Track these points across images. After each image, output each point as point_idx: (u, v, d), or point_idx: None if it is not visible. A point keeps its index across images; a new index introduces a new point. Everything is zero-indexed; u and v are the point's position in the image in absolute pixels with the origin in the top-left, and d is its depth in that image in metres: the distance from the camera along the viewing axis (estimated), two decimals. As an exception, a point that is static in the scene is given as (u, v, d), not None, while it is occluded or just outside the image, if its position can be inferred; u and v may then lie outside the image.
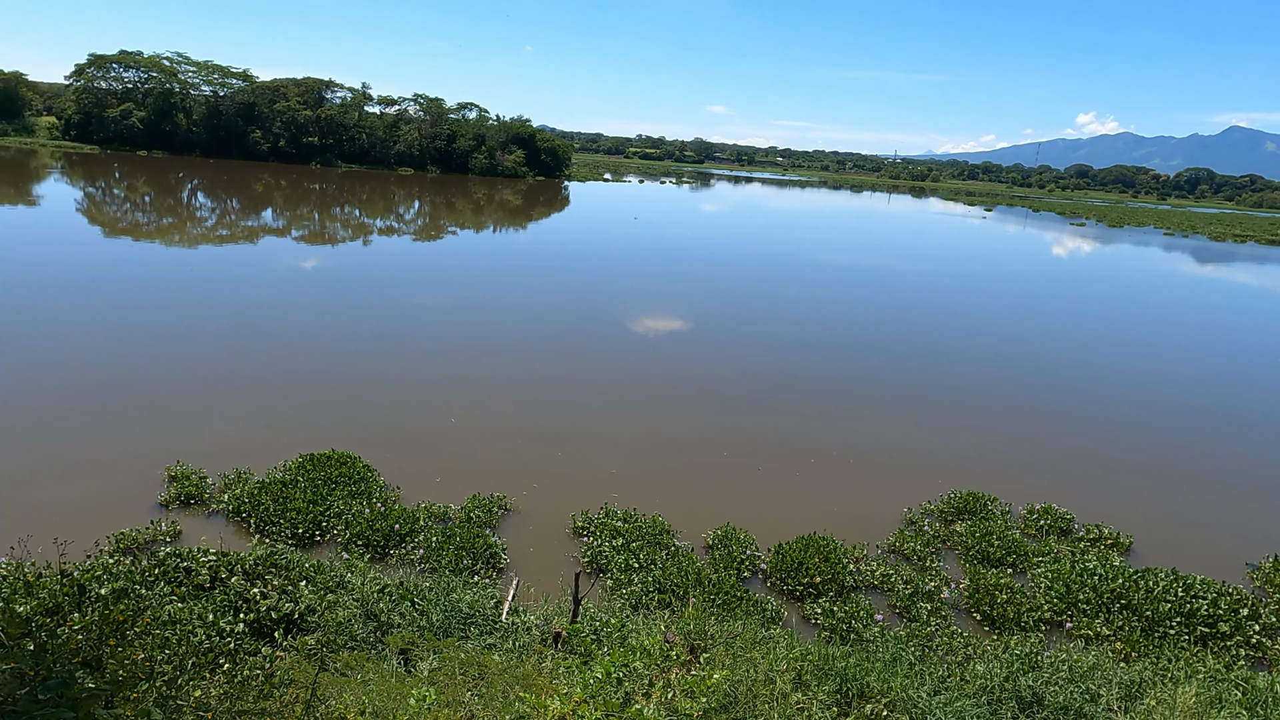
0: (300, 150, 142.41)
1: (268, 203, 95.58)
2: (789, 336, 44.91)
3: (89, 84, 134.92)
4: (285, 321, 38.55)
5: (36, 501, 18.99)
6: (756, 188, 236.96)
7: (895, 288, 67.37)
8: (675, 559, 18.61)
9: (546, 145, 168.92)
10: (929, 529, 21.66)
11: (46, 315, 35.52)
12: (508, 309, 45.89)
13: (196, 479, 20.28)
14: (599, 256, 72.12)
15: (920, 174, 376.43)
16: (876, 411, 32.29)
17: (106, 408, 25.34)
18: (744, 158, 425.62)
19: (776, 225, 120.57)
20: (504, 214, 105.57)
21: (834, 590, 18.10)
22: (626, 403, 30.67)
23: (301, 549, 18.11)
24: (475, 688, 8.98)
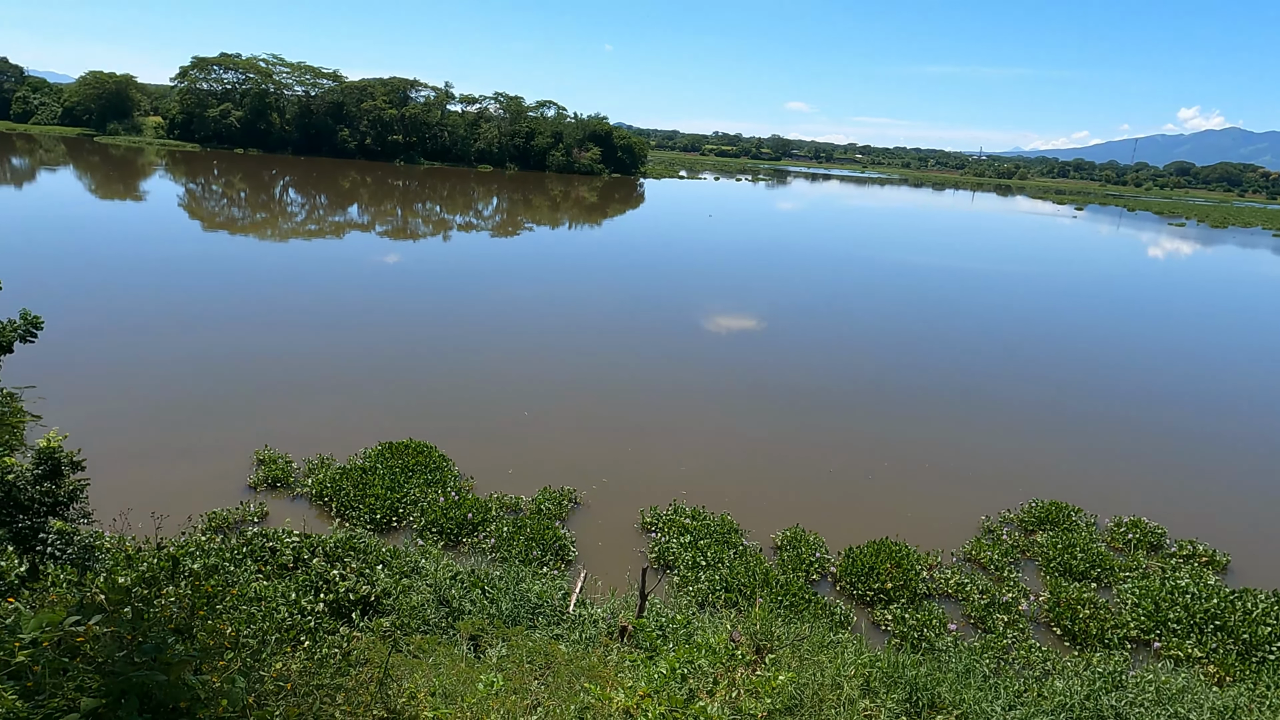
0: (385, 148, 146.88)
1: (354, 199, 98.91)
2: (864, 338, 44.06)
3: (191, 85, 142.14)
4: (367, 314, 39.84)
5: (139, 479, 20.14)
6: (834, 185, 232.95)
7: (975, 290, 65.31)
8: (743, 558, 18.51)
9: (623, 142, 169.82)
10: (1008, 538, 20.96)
11: (151, 306, 37.61)
12: (581, 305, 46.37)
13: (283, 463, 21.19)
14: (672, 254, 72.11)
15: (1007, 172, 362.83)
16: (954, 416, 31.38)
17: (204, 393, 26.69)
18: (822, 155, 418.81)
19: (853, 224, 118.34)
20: (579, 211, 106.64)
21: (905, 597, 17.71)
22: (698, 400, 30.62)
23: (379, 534, 18.72)
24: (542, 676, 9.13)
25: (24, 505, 9.42)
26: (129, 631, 4.07)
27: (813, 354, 39.44)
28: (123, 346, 30.86)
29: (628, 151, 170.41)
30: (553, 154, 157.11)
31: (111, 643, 3.82)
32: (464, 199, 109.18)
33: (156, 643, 3.81)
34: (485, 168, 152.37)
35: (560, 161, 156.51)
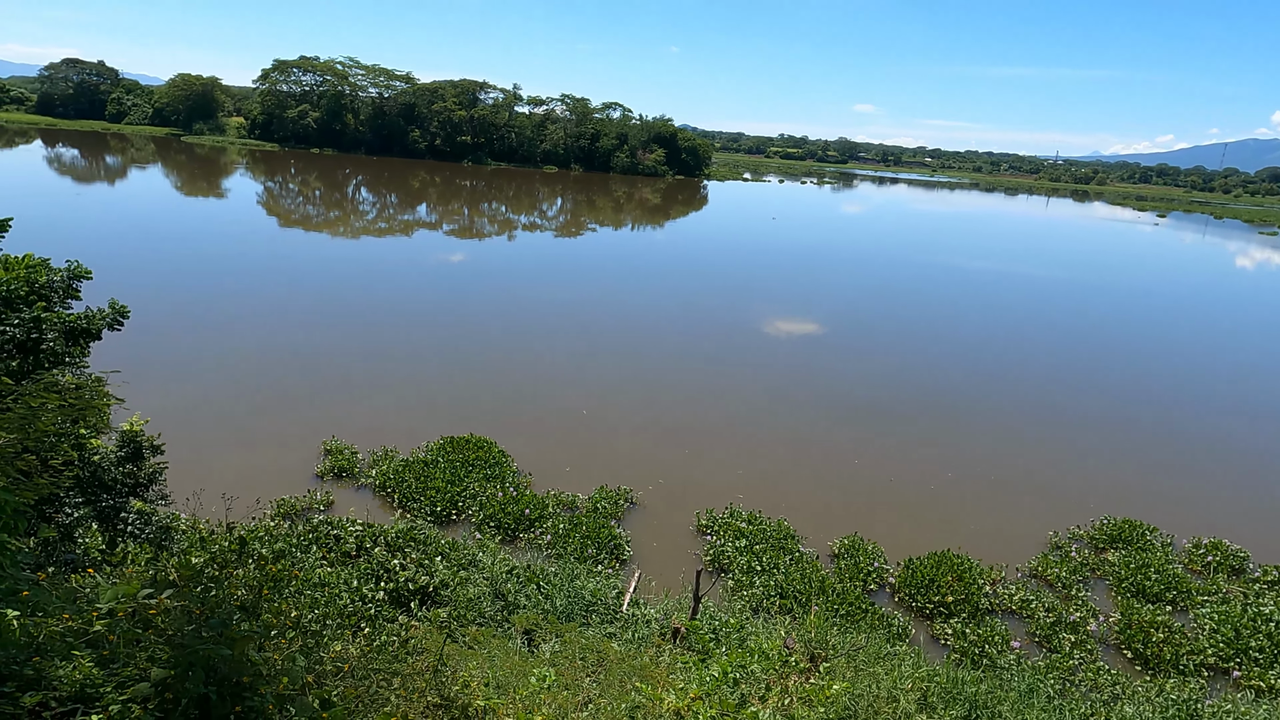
0: (454, 149, 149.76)
1: (423, 198, 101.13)
2: (929, 345, 43.05)
3: (272, 87, 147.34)
4: (432, 311, 40.67)
5: (212, 464, 20.94)
6: (902, 189, 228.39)
7: (1048, 298, 63.19)
8: (799, 565, 18.28)
9: (687, 144, 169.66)
10: (1076, 555, 20.21)
11: (228, 299, 39.12)
12: (642, 305, 46.47)
13: (349, 454, 21.78)
14: (734, 256, 71.71)
15: (1084, 176, 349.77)
16: (1022, 428, 30.43)
17: (276, 384, 27.65)
18: (890, 158, 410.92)
19: (921, 229, 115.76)
20: (643, 212, 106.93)
21: (967, 611, 17.23)
22: (756, 404, 30.37)
23: (438, 526, 19.08)
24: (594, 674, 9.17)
25: (107, 485, 9.88)
26: (198, 607, 4.23)
27: (875, 360, 38.72)
28: (200, 337, 32.15)
29: (692, 153, 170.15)
30: (617, 155, 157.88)
31: (181, 616, 3.98)
32: (529, 199, 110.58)
33: (223, 619, 3.96)
34: (550, 168, 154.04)
35: (624, 163, 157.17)
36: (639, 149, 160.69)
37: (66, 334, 9.44)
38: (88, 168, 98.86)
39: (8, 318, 8.73)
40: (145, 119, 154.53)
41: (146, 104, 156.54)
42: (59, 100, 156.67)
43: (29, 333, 8.77)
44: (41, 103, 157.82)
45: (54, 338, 9.00)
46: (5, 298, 8.77)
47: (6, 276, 8.97)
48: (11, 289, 8.86)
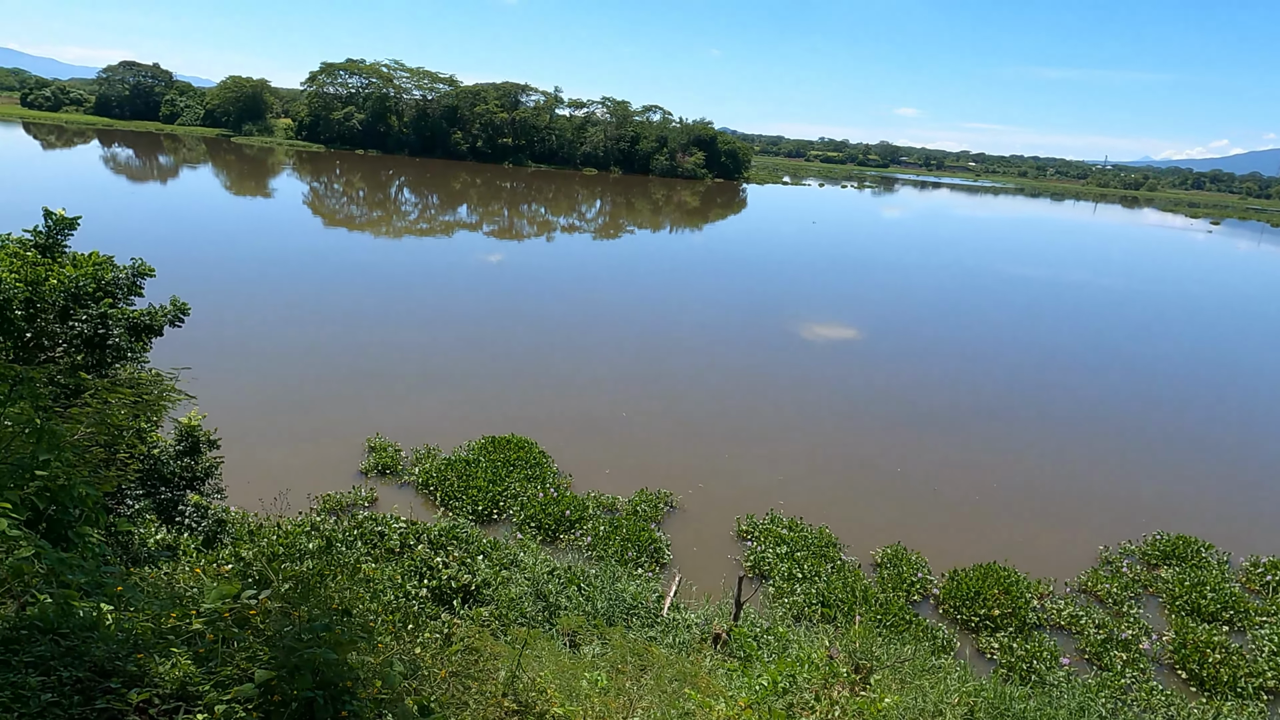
0: (495, 150, 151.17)
1: (464, 199, 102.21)
2: (972, 352, 42.33)
3: (319, 89, 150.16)
4: (471, 311, 41.04)
5: (259, 458, 21.34)
6: (944, 194, 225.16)
7: (1097, 306, 61.78)
8: (841, 573, 18.07)
9: (727, 147, 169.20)
10: (1128, 571, 19.68)
11: (272, 297, 39.91)
12: (681, 309, 46.40)
13: (392, 451, 22.05)
14: (774, 260, 71.28)
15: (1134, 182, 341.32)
16: (1069, 439, 29.74)
17: (320, 381, 28.09)
18: (932, 162, 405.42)
19: (964, 234, 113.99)
20: (681, 215, 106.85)
21: (1014, 626, 16.87)
22: (795, 409, 30.12)
23: (480, 525, 19.21)
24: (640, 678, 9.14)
25: (166, 478, 10.10)
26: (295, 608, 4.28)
27: (916, 367, 38.16)
28: (246, 333, 32.82)
29: (731, 156, 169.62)
30: (656, 158, 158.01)
31: (281, 618, 4.03)
32: (568, 201, 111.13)
33: (325, 621, 3.99)
34: (590, 170, 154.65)
35: (664, 165, 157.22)
36: (678, 152, 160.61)
37: (130, 329, 9.69)
38: (142, 167, 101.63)
39: (77, 314, 8.98)
40: (197, 120, 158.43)
41: (198, 105, 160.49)
42: (116, 102, 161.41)
43: (96, 328, 9.01)
44: (99, 104, 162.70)
45: (120, 333, 9.24)
46: (75, 294, 9.02)
47: (76, 273, 9.23)
48: (81, 285, 9.11)
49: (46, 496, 4.16)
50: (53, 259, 9.68)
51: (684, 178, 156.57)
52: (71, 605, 3.51)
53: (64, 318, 9.10)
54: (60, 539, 4.29)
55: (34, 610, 3.42)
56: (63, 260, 9.86)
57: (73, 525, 4.30)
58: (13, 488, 3.98)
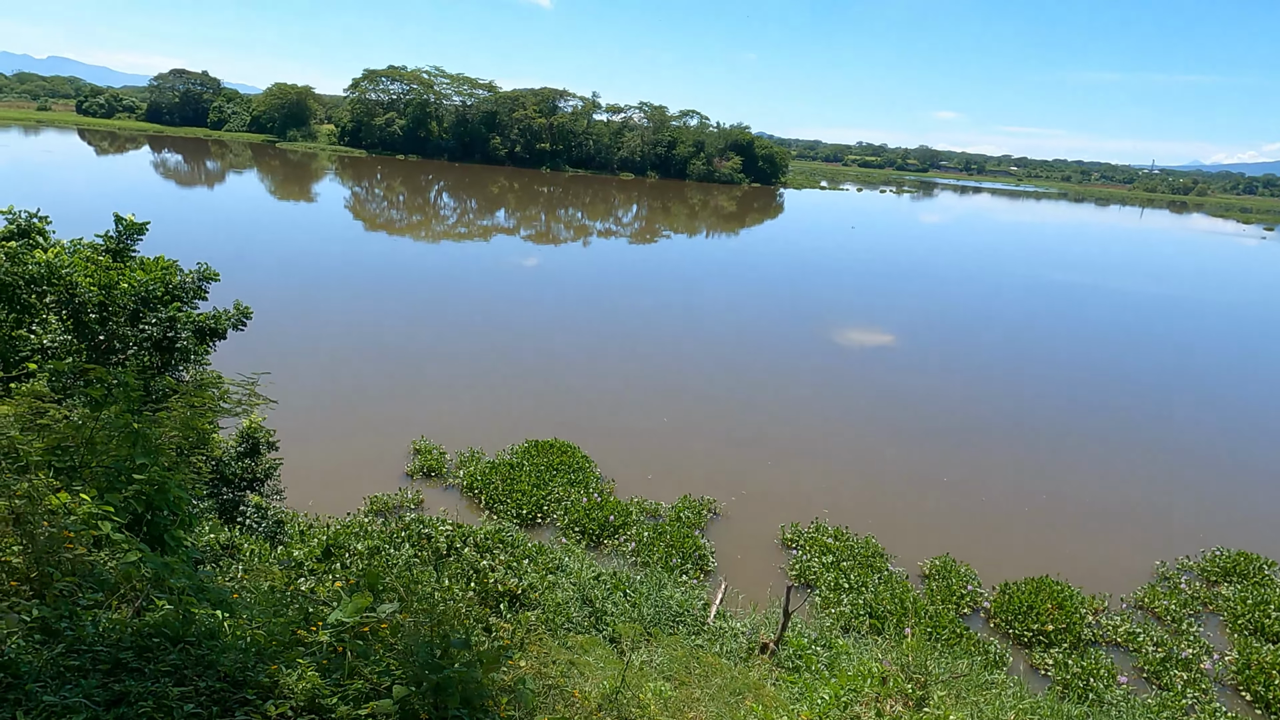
0: (533, 155, 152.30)
1: (501, 204, 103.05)
2: (1017, 359, 41.55)
3: (361, 96, 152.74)
4: (510, 313, 41.30)
5: (307, 459, 21.64)
6: (985, 199, 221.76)
7: (1148, 313, 60.32)
8: (888, 584, 17.79)
9: (764, 152, 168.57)
10: (1187, 588, 19.11)
11: (317, 300, 40.55)
12: (718, 312, 46.23)
13: (437, 454, 22.23)
14: (811, 265, 70.73)
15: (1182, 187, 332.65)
16: (1121, 449, 29.01)
17: (365, 384, 28.45)
18: (973, 166, 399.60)
19: (1006, 240, 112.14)
20: (717, 220, 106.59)
21: (1069, 642, 16.46)
22: (837, 415, 29.81)
23: (524, 528, 19.28)
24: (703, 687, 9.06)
25: (228, 479, 10.27)
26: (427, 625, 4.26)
27: (963, 375, 37.54)
28: (290, 334, 33.35)
29: (768, 161, 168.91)
30: (693, 163, 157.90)
31: (414, 631, 4.03)
32: (605, 206, 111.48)
33: (464, 638, 3.97)
34: (627, 175, 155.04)
35: (700, 170, 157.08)
36: (715, 156, 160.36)
37: (196, 333, 9.87)
38: (190, 172, 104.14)
39: (147, 317, 9.17)
40: (243, 126, 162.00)
41: (245, 112, 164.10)
42: (166, 108, 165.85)
43: (165, 331, 9.20)
44: (150, 111, 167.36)
45: (187, 336, 9.41)
46: (145, 297, 9.21)
47: (146, 278, 9.43)
48: (150, 289, 9.30)
49: (143, 500, 4.24)
50: (123, 263, 9.91)
51: (721, 183, 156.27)
52: (192, 613, 3.55)
53: (134, 321, 9.30)
54: (157, 542, 4.36)
55: (154, 617, 3.47)
56: (132, 264, 10.09)
57: (168, 529, 4.37)
58: (113, 491, 4.07)
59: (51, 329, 8.96)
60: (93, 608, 3.52)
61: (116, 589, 3.78)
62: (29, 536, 3.50)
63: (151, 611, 3.54)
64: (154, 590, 3.80)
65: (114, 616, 3.44)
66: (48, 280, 8.49)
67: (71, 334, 8.83)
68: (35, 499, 3.58)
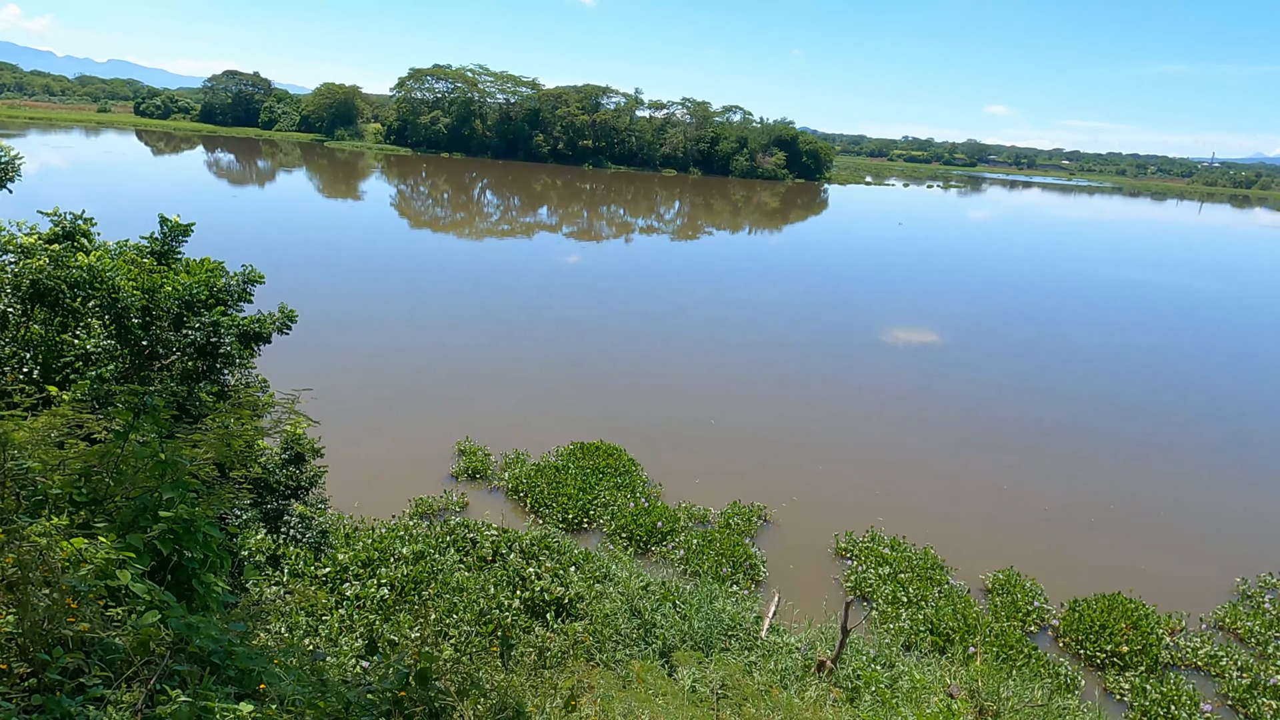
0: (575, 152, 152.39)
1: (544, 201, 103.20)
2: (1081, 362, 39.99)
3: (407, 95, 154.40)
4: (553, 312, 41.00)
5: (351, 460, 21.51)
6: (1035, 194, 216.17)
7: (1215, 313, 57.86)
8: (949, 599, 16.99)
9: (808, 148, 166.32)
10: (1272, 608, 17.96)
11: (363, 298, 40.74)
12: (763, 312, 45.40)
13: (482, 455, 21.95)
14: (859, 263, 69.33)
15: (1244, 180, 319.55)
16: (1193, 457, 27.66)
17: (410, 383, 28.34)
18: (1023, 161, 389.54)
19: (1056, 235, 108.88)
20: (760, 216, 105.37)
21: (1145, 664, 15.51)
22: (890, 419, 28.90)
23: (570, 533, 18.88)
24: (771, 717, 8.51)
25: (272, 487, 9.98)
26: None
27: (1020, 377, 36.22)
28: (335, 333, 33.46)
29: (812, 156, 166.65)
30: (736, 159, 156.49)
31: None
32: (647, 203, 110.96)
33: None
34: (669, 172, 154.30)
35: (744, 166, 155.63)
36: (758, 152, 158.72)
37: (241, 337, 9.59)
38: (241, 171, 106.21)
39: (191, 321, 8.90)
40: (293, 126, 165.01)
41: (295, 112, 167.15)
42: (219, 109, 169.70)
43: (209, 336, 8.91)
44: (204, 112, 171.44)
45: (231, 341, 9.13)
46: (189, 301, 8.95)
47: (190, 281, 9.17)
48: (194, 293, 9.04)
49: (170, 539, 3.84)
50: (168, 265, 9.67)
51: (764, 179, 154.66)
52: (210, 711, 3.10)
53: (178, 325, 9.04)
54: (185, 589, 3.96)
55: (166, 711, 3.03)
56: (177, 267, 9.85)
57: (197, 573, 3.98)
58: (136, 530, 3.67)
59: (95, 334, 8.73)
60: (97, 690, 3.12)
61: (130, 662, 3.38)
62: (22, 605, 3.11)
63: (163, 703, 3.10)
64: (174, 659, 3.40)
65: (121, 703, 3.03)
66: (90, 284, 8.25)
67: (114, 339, 8.59)
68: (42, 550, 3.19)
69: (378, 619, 14.30)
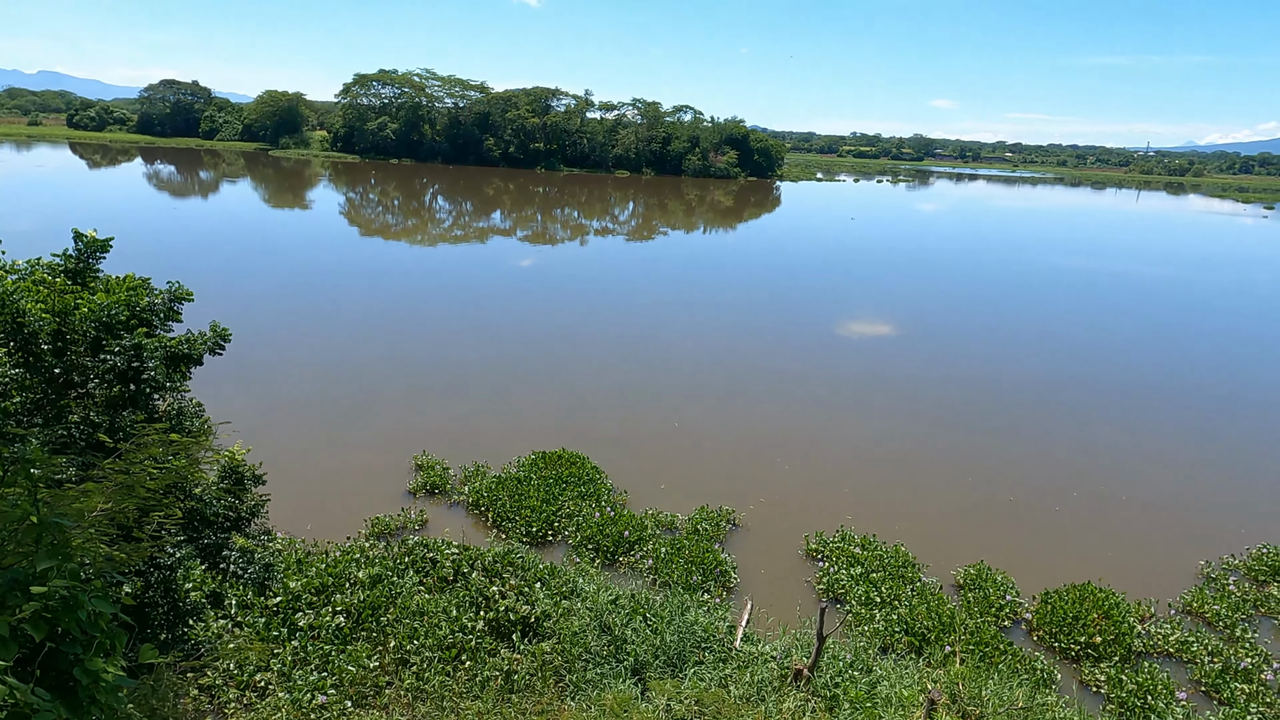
0: (527, 155, 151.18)
1: (497, 205, 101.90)
2: (1033, 350, 40.48)
3: (353, 101, 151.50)
4: (511, 319, 40.21)
5: (302, 480, 20.62)
6: (980, 186, 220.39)
7: (1161, 296, 59.25)
8: (923, 596, 16.75)
9: (759, 145, 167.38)
10: (1235, 589, 18.10)
11: (310, 311, 39.49)
12: (722, 311, 45.15)
13: (440, 469, 21.19)
14: (815, 258, 69.64)
15: (1178, 168, 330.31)
16: (1154, 441, 28.01)
17: (362, 397, 27.39)
18: (968, 154, 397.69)
19: (1003, 225, 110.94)
20: (715, 215, 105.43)
21: (1119, 654, 15.44)
22: (851, 415, 28.78)
23: (535, 547, 18.26)
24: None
25: (209, 520, 9.25)
26: None
27: (979, 368, 36.47)
28: (284, 349, 32.32)
29: (764, 154, 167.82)
30: (689, 158, 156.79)
31: None
32: (601, 204, 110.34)
33: None
34: (622, 173, 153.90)
35: (696, 165, 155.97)
36: (710, 151, 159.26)
37: (168, 359, 8.85)
38: (183, 183, 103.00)
39: (109, 345, 8.14)
40: (235, 135, 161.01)
41: (236, 120, 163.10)
42: (157, 119, 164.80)
43: (130, 360, 8.17)
44: (142, 122, 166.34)
45: (155, 365, 8.38)
46: (106, 323, 8.19)
47: (108, 300, 8.40)
48: (113, 314, 8.28)
49: (45, 621, 3.21)
50: (83, 285, 8.88)
51: (717, 177, 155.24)
52: None
53: (96, 349, 8.27)
54: (63, 681, 3.33)
55: None
56: (95, 286, 9.06)
57: (80, 659, 3.34)
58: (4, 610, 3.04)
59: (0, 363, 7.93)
60: None
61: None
62: None
63: None
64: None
65: None
66: (-11, 309, 7.46)
67: (22, 368, 7.81)
68: None
69: (333, 649, 13.57)
